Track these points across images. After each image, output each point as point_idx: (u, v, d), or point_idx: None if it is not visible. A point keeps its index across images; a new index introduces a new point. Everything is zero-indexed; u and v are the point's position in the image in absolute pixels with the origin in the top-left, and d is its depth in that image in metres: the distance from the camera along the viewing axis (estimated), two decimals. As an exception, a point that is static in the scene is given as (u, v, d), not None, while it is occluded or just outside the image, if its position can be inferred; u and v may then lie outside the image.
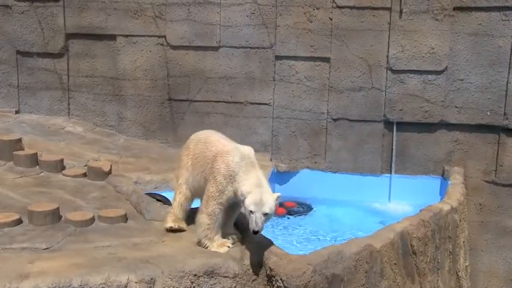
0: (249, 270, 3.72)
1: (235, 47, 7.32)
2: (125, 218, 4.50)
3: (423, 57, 7.03)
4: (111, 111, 7.71)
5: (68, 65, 7.69)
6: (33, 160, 5.78)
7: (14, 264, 3.61)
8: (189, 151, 4.23)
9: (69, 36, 7.62)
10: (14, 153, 5.80)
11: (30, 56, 7.72)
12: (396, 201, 7.24)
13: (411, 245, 4.71)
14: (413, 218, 4.96)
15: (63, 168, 5.78)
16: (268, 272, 3.70)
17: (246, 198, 3.61)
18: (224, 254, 3.82)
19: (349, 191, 7.21)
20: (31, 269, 3.53)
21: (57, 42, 7.62)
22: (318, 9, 7.12)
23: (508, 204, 7.10)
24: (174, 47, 7.44)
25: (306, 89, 7.29)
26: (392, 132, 7.25)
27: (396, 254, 4.47)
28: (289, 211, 6.98)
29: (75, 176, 5.58)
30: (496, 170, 7.08)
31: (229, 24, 7.27)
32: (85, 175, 5.63)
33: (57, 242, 4.03)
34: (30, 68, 7.75)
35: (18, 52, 7.72)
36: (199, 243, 3.98)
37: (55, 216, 4.38)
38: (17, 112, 7.79)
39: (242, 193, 3.64)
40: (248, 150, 3.88)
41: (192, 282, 3.62)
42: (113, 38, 7.54)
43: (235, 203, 3.87)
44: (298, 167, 7.45)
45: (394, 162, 7.28)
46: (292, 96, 7.33)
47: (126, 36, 7.50)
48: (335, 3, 7.07)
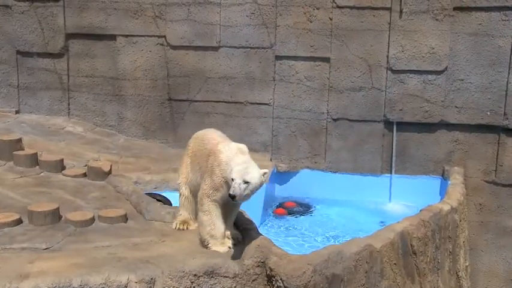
0: (249, 270, 3.72)
1: (235, 47, 7.32)
2: (125, 218, 4.50)
3: (423, 57, 7.03)
4: (111, 111, 7.71)
5: (68, 65, 7.69)
6: (33, 160, 5.78)
7: (14, 264, 3.61)
8: (188, 150, 4.28)
9: (69, 36, 7.62)
10: (14, 153, 5.80)
11: (30, 56, 7.72)
12: (396, 201, 7.24)
13: (411, 245, 4.71)
14: (413, 218, 4.96)
15: (63, 168, 5.78)
16: (268, 272, 3.70)
17: (232, 171, 3.63)
18: (224, 254, 3.82)
19: (349, 191, 7.21)
20: (31, 269, 3.53)
21: (57, 42, 7.62)
22: (318, 9, 7.12)
23: (508, 204, 7.10)
24: (174, 47, 7.43)
25: (306, 89, 7.29)
26: (393, 132, 7.25)
27: (396, 254, 4.47)
28: (289, 211, 6.99)
29: (75, 176, 5.58)
30: (496, 170, 7.08)
31: (229, 24, 7.27)
32: (85, 175, 5.63)
33: (57, 242, 4.03)
34: (30, 68, 7.75)
35: (18, 52, 7.72)
36: (201, 242, 3.99)
37: (55, 216, 4.38)
38: (17, 112, 7.78)
39: (231, 171, 3.64)
40: (241, 146, 3.88)
41: (192, 282, 3.62)
42: (113, 38, 7.53)
43: (231, 202, 3.86)
44: (298, 167, 7.45)
45: (394, 162, 7.28)
46: (292, 96, 7.33)
47: (126, 36, 7.50)
48: (335, 3, 7.07)
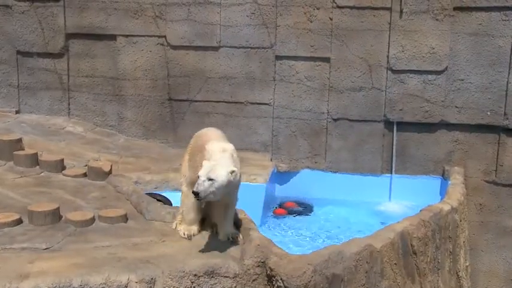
0: (249, 270, 3.72)
1: (235, 47, 7.32)
2: (125, 218, 4.51)
3: (423, 57, 7.03)
4: (111, 111, 7.71)
5: (68, 65, 7.68)
6: (34, 160, 5.78)
7: (14, 264, 3.61)
8: (188, 148, 4.36)
9: (70, 36, 7.61)
10: (14, 153, 5.79)
11: (31, 56, 7.72)
12: (396, 201, 7.23)
13: (411, 245, 4.71)
14: (413, 218, 4.96)
15: (64, 168, 5.78)
16: (268, 272, 3.70)
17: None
18: (224, 254, 3.83)
19: (349, 191, 7.20)
20: (31, 269, 3.54)
21: (58, 42, 7.62)
22: (318, 9, 7.12)
23: (508, 204, 7.09)
24: (174, 47, 7.43)
25: (306, 89, 7.29)
26: (393, 132, 7.25)
27: (396, 254, 4.47)
28: (290, 211, 6.98)
29: (76, 176, 5.58)
30: (496, 170, 7.08)
31: (230, 24, 7.27)
32: (85, 175, 5.63)
33: (57, 242, 4.04)
34: (31, 68, 7.75)
35: (19, 52, 7.72)
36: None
37: (55, 216, 4.38)
38: (17, 112, 7.78)
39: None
40: (225, 145, 3.91)
41: (192, 282, 3.62)
42: (113, 38, 7.53)
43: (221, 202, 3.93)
44: (299, 167, 7.45)
45: (394, 162, 7.28)
46: (292, 96, 7.33)
47: (126, 36, 7.49)
48: (335, 3, 7.07)
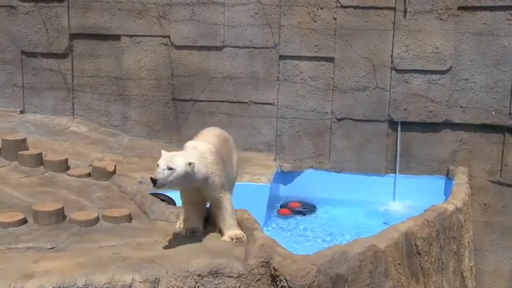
0: (253, 270, 3.72)
1: (239, 47, 7.32)
2: (129, 218, 4.51)
3: (427, 56, 7.01)
4: (116, 111, 7.72)
5: (72, 65, 7.70)
6: (38, 160, 5.78)
7: (18, 263, 3.61)
8: None
9: (74, 36, 7.63)
10: (19, 153, 5.80)
11: (35, 56, 7.74)
12: (400, 201, 7.22)
13: (416, 245, 4.70)
14: (417, 218, 4.94)
15: (68, 168, 5.78)
16: (272, 272, 3.70)
17: None
18: (228, 253, 3.83)
19: (353, 191, 7.19)
20: (36, 268, 3.54)
21: (62, 42, 7.64)
22: (322, 9, 7.11)
23: (513, 204, 7.08)
24: (178, 47, 7.44)
25: (310, 88, 7.29)
26: (397, 132, 7.24)
27: (401, 254, 4.46)
28: (294, 211, 6.98)
29: (80, 176, 5.59)
30: (501, 170, 7.05)
31: (233, 24, 7.27)
32: (89, 175, 5.63)
33: (61, 241, 4.04)
34: (35, 68, 7.77)
35: (23, 52, 7.74)
36: None
37: (60, 216, 4.39)
38: (21, 112, 7.80)
39: None
40: (197, 144, 4.04)
41: (196, 282, 3.62)
42: (117, 38, 7.54)
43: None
44: (303, 166, 7.44)
45: (398, 162, 7.26)
46: (296, 96, 7.33)
47: (130, 36, 7.51)
48: (339, 3, 7.06)
